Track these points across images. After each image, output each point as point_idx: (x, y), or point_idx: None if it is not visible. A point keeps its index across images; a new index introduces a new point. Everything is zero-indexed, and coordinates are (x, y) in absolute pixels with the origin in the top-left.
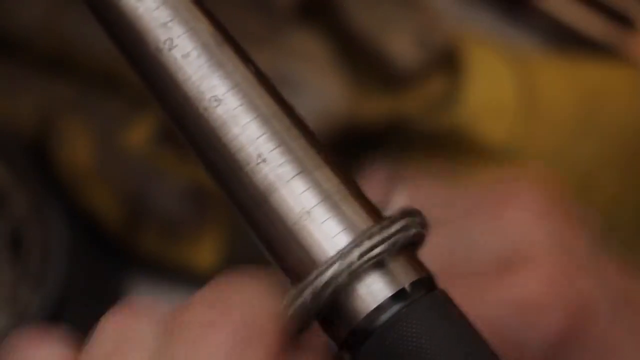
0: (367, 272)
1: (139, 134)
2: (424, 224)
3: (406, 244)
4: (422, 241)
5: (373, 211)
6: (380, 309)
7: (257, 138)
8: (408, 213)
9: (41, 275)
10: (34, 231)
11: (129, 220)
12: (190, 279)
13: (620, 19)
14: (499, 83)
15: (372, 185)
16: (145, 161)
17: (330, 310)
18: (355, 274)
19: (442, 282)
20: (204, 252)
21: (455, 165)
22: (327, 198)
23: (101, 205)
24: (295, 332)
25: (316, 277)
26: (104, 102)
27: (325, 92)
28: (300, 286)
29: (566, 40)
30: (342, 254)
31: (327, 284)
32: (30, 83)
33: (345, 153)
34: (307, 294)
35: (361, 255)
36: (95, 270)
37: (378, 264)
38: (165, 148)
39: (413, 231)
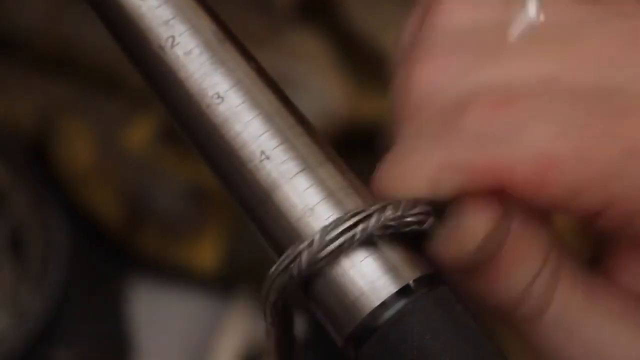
0: (369, 266)
1: (139, 134)
2: (423, 215)
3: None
4: (423, 233)
5: None
6: (384, 305)
7: (260, 135)
8: (403, 203)
9: (41, 275)
10: (34, 231)
11: (129, 220)
12: (190, 279)
13: None
14: None
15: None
16: (145, 161)
17: (333, 306)
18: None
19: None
20: (204, 252)
21: None
22: (330, 195)
23: (101, 205)
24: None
25: (298, 246)
26: (104, 102)
27: (325, 92)
28: (282, 257)
29: None
30: (324, 227)
31: (306, 249)
32: (30, 83)
33: (345, 153)
34: (287, 262)
35: (338, 222)
36: (95, 270)
37: (379, 258)
38: (165, 148)
39: (403, 217)
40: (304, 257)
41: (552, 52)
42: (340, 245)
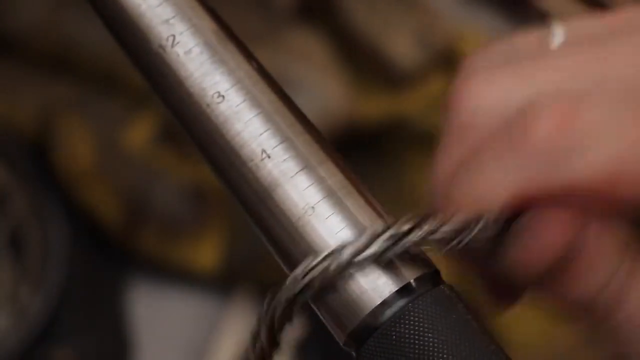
0: (371, 266)
1: (139, 134)
2: (431, 231)
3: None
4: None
5: (376, 207)
6: (385, 304)
7: (261, 134)
8: (416, 220)
9: (41, 275)
10: (34, 231)
11: (129, 220)
12: (190, 279)
13: None
14: None
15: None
16: (145, 161)
17: (334, 305)
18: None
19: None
20: (204, 252)
21: None
22: (331, 194)
23: (101, 205)
24: (289, 317)
25: (313, 262)
26: (104, 102)
27: (325, 91)
28: (294, 273)
29: None
30: (340, 247)
31: (322, 271)
32: (30, 83)
33: (345, 152)
34: (301, 278)
35: (357, 252)
36: (95, 270)
37: (382, 260)
38: (165, 148)
39: (419, 238)
40: (318, 279)
41: (594, 53)
42: (352, 264)
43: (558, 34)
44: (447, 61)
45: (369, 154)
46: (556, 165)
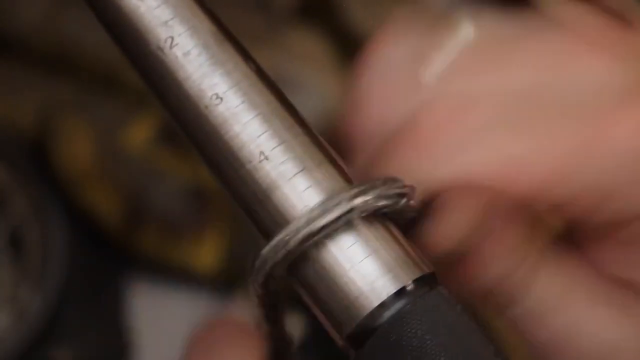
0: (369, 265)
1: (139, 134)
2: (407, 194)
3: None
4: (409, 215)
5: None
6: (383, 305)
7: (259, 136)
8: (390, 180)
9: (41, 275)
10: (34, 231)
11: (129, 220)
12: (190, 279)
13: (620, 19)
14: None
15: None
16: (145, 161)
17: (332, 306)
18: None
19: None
20: (204, 252)
21: None
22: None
23: (101, 205)
24: (270, 294)
25: (285, 230)
26: (104, 102)
27: (324, 92)
28: (269, 242)
29: None
30: (310, 209)
31: (297, 233)
32: (30, 83)
33: (344, 152)
34: (276, 245)
35: (327, 203)
36: (95, 270)
37: (379, 258)
38: (165, 148)
39: (393, 193)
40: (293, 238)
41: (491, 63)
42: (327, 224)
43: (465, 32)
44: None
45: None
46: (443, 158)
